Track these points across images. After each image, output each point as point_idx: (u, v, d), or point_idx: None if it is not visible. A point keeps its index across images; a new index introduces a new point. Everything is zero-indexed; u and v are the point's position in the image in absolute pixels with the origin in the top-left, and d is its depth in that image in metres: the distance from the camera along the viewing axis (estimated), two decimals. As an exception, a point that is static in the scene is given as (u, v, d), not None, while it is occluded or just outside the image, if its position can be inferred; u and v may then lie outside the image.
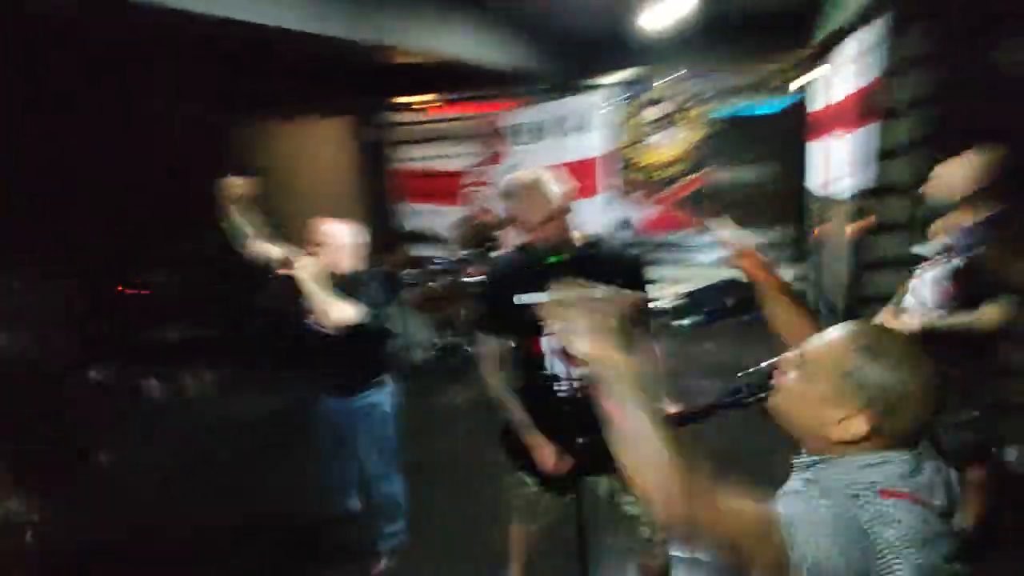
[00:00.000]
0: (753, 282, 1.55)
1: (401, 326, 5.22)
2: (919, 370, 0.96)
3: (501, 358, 2.00)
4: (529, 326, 1.74)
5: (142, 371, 5.00)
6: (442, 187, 6.85)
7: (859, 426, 0.97)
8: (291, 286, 2.33)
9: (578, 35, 5.19)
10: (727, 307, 5.97)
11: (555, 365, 1.90)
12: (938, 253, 2.22)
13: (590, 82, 6.01)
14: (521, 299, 1.66)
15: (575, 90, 6.05)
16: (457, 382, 4.98)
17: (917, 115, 3.15)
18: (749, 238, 1.59)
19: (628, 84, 5.86)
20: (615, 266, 1.84)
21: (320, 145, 7.28)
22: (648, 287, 2.02)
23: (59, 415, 3.58)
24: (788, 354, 1.12)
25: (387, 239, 7.00)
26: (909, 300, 2.32)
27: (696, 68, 5.59)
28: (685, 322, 5.56)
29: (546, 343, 1.88)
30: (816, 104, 4.64)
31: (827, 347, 1.04)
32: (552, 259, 1.75)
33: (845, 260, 3.66)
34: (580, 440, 1.77)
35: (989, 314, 2.06)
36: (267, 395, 4.92)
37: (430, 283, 5.24)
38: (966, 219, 2.16)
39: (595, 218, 6.05)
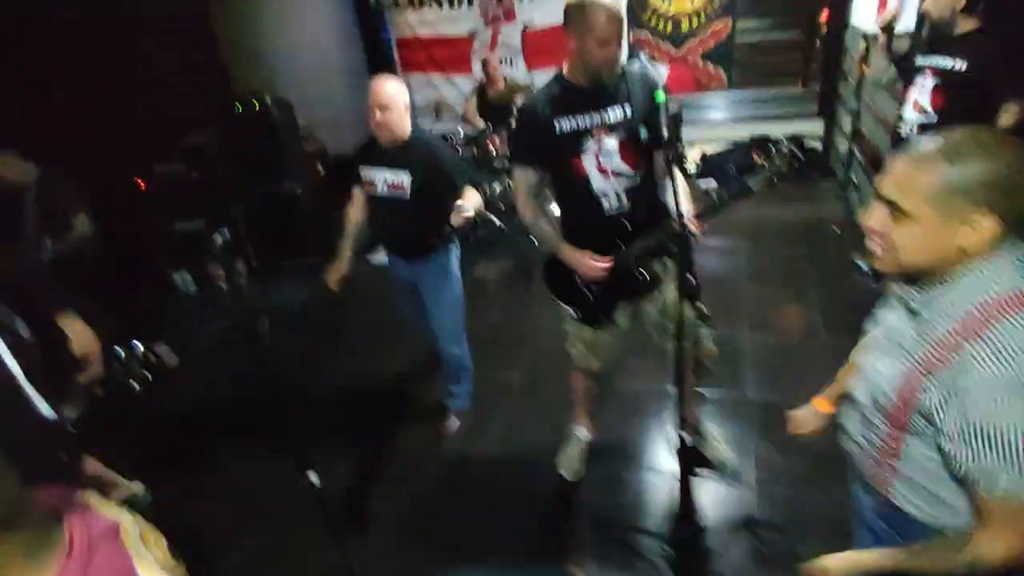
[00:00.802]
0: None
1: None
2: (1009, 148, 0.93)
3: (538, 187, 2.09)
4: (571, 149, 1.96)
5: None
6: (450, 54, 6.41)
7: (988, 225, 0.94)
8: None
9: None
10: (754, 163, 5.80)
11: (597, 183, 2.00)
12: (939, 63, 2.50)
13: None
14: (563, 124, 1.94)
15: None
16: (487, 257, 4.98)
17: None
18: None
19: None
20: (642, 93, 1.94)
21: (315, 11, 6.73)
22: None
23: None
24: (872, 215, 1.06)
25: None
26: (909, 113, 2.58)
27: None
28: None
29: (588, 161, 1.98)
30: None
31: (913, 179, 0.98)
32: (602, 79, 1.89)
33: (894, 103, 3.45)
34: (625, 250, 1.97)
35: (1006, 121, 2.30)
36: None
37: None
38: (964, 29, 2.43)
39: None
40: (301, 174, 5.07)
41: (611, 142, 1.95)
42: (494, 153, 4.99)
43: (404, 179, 2.46)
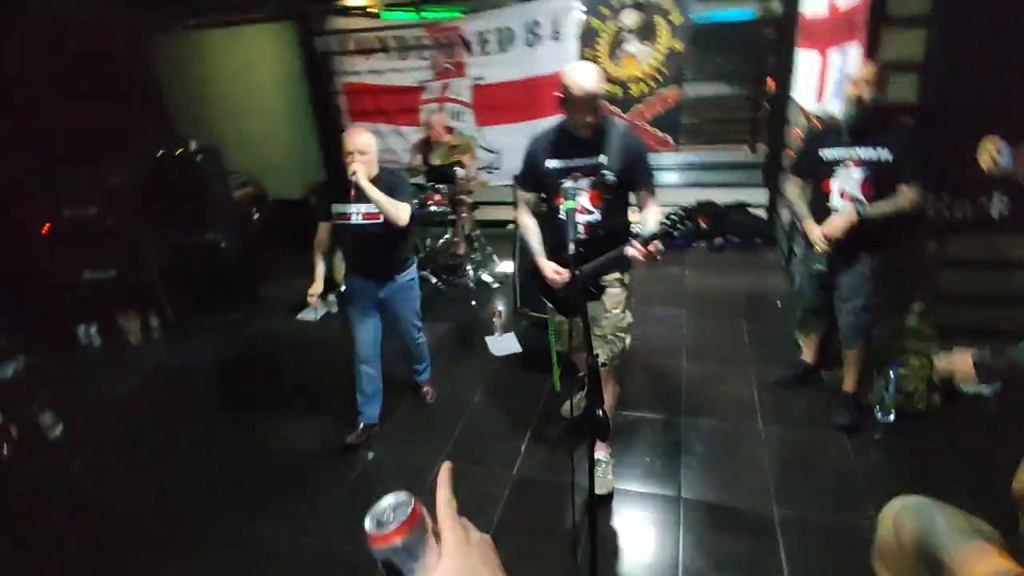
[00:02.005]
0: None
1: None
2: None
3: (534, 206, 2.65)
4: (553, 184, 2.47)
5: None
6: (398, 104, 6.28)
7: None
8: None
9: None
10: (701, 229, 5.79)
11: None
12: (860, 155, 2.72)
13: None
14: (551, 164, 2.48)
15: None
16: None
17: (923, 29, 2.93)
18: None
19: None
20: (624, 146, 2.41)
21: (263, 56, 6.55)
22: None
23: None
24: None
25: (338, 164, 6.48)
26: (837, 201, 2.79)
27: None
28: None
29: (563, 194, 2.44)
30: (812, 9, 4.24)
31: None
32: (582, 136, 2.40)
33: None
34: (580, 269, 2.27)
35: (906, 194, 2.63)
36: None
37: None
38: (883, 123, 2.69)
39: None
40: (227, 223, 4.77)
41: (583, 183, 2.44)
42: (433, 208, 4.82)
43: (376, 207, 2.87)
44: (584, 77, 2.26)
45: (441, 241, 5.44)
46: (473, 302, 4.86)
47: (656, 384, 3.60)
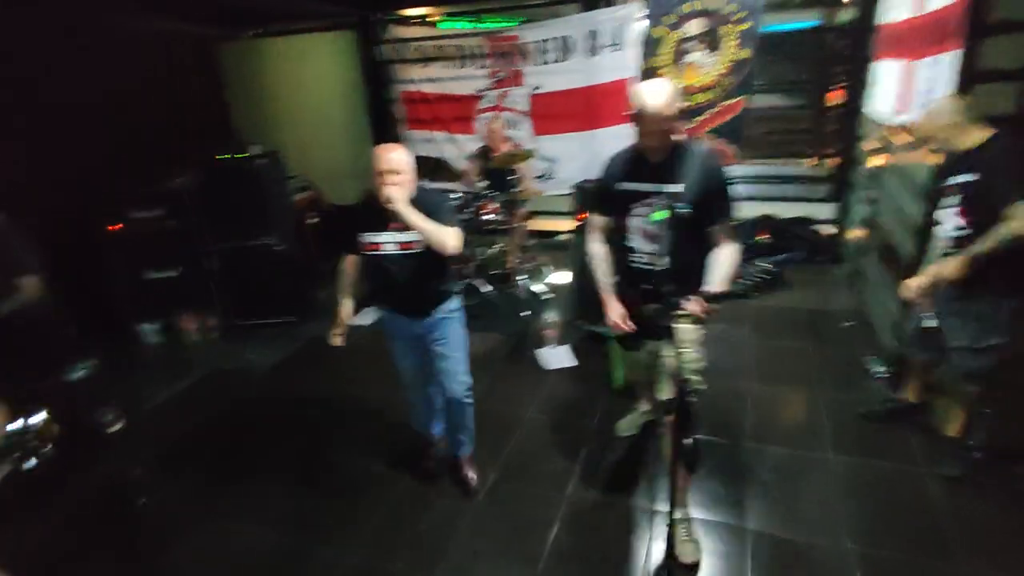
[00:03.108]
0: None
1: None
2: None
3: (603, 230, 2.48)
4: (624, 207, 2.34)
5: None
6: (454, 112, 6.29)
7: None
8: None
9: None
10: (759, 244, 5.59)
11: (635, 241, 2.36)
12: (953, 183, 2.49)
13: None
14: (623, 186, 2.33)
15: (609, 2, 5.38)
16: (472, 328, 4.67)
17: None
18: None
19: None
20: (703, 174, 2.18)
21: (322, 64, 6.67)
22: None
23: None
24: None
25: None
26: (941, 231, 2.56)
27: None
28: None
29: (635, 222, 2.34)
30: (891, 16, 4.02)
31: None
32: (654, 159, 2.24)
33: (916, 195, 3.22)
34: (648, 305, 2.26)
35: (1016, 219, 2.22)
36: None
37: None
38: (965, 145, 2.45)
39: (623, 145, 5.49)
40: (285, 227, 4.84)
41: (660, 211, 2.23)
42: (488, 217, 4.76)
43: (414, 236, 2.44)
44: (653, 95, 2.07)
45: (492, 250, 5.38)
46: (525, 313, 4.77)
47: (718, 405, 3.42)
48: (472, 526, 2.71)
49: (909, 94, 3.54)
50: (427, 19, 6.44)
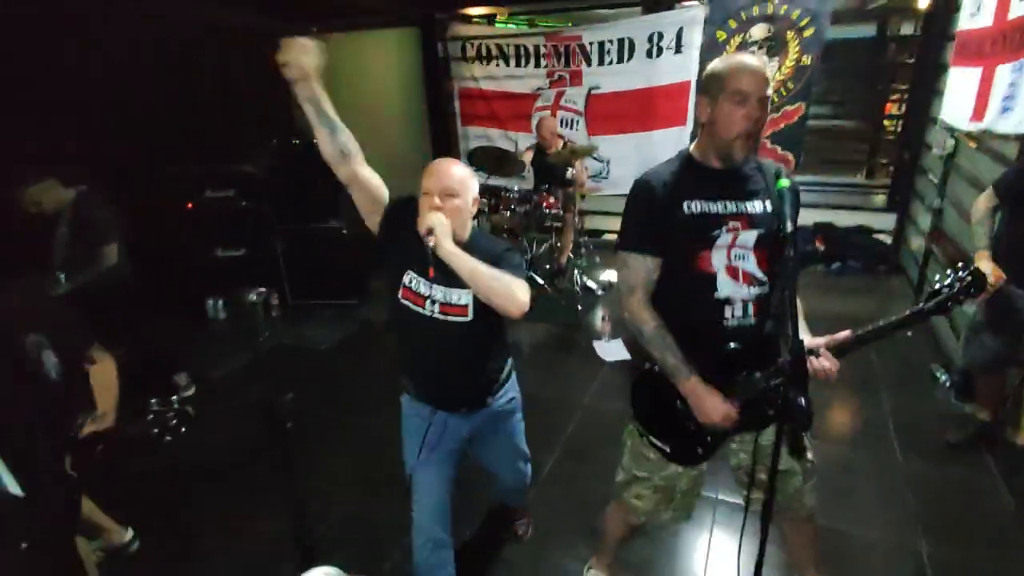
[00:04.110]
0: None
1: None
2: None
3: (649, 284, 1.66)
4: (698, 239, 1.60)
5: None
6: (511, 110, 6.39)
7: None
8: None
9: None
10: (816, 252, 5.56)
11: (725, 287, 1.62)
12: None
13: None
14: (693, 207, 1.61)
15: (672, 4, 5.43)
16: (525, 319, 4.74)
17: None
18: None
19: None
20: (789, 189, 1.61)
21: (384, 59, 6.85)
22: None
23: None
24: None
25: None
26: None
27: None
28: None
29: (719, 258, 1.61)
30: (968, 23, 3.98)
31: None
32: (740, 166, 1.62)
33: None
34: (747, 376, 1.62)
35: None
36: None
37: (504, 213, 4.89)
38: None
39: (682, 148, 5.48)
40: (348, 213, 4.99)
41: (748, 238, 1.61)
42: (547, 211, 4.84)
43: (465, 298, 1.77)
44: (753, 68, 1.53)
45: (546, 246, 5.46)
46: (579, 307, 4.82)
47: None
48: (534, 505, 2.76)
49: (986, 101, 3.50)
50: (489, 18, 6.57)
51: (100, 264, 3.21)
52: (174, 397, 1.73)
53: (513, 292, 1.66)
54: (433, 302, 1.78)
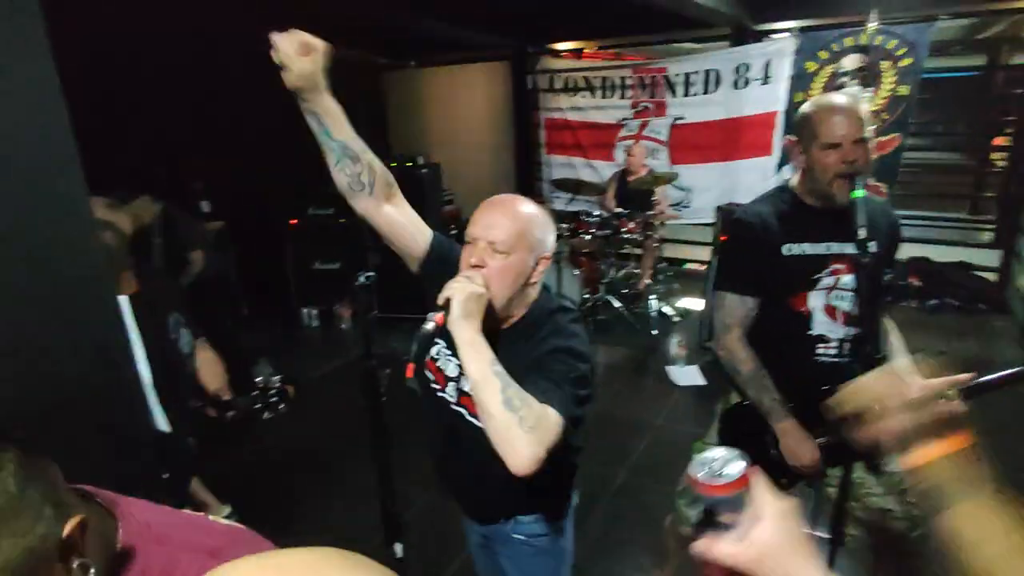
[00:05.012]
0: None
1: (554, 281, 5.12)
2: None
3: (745, 324, 1.68)
4: (799, 280, 1.62)
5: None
6: (596, 139, 6.55)
7: None
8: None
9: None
10: (911, 287, 5.31)
11: (820, 325, 1.64)
12: None
13: (780, 26, 5.39)
14: (795, 249, 1.62)
15: (761, 36, 5.46)
16: (600, 341, 4.83)
17: None
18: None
19: (827, 30, 5.16)
20: (887, 223, 1.67)
21: (476, 91, 7.24)
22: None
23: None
24: None
25: (533, 192, 6.89)
26: None
27: (913, 13, 4.79)
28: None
29: (817, 299, 1.63)
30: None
31: None
32: (856, 194, 1.49)
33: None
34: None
35: None
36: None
37: (584, 237, 5.03)
38: None
39: (771, 180, 5.49)
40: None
41: (850, 280, 1.61)
42: (627, 235, 4.94)
43: None
44: (846, 112, 1.53)
45: (624, 270, 5.53)
46: (654, 331, 4.85)
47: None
48: (604, 516, 2.82)
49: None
50: (577, 52, 6.83)
51: (191, 269, 3.64)
52: (276, 377, 1.96)
53: (512, 439, 1.09)
54: (457, 389, 1.41)
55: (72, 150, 1.21)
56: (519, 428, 1.08)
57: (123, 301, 1.49)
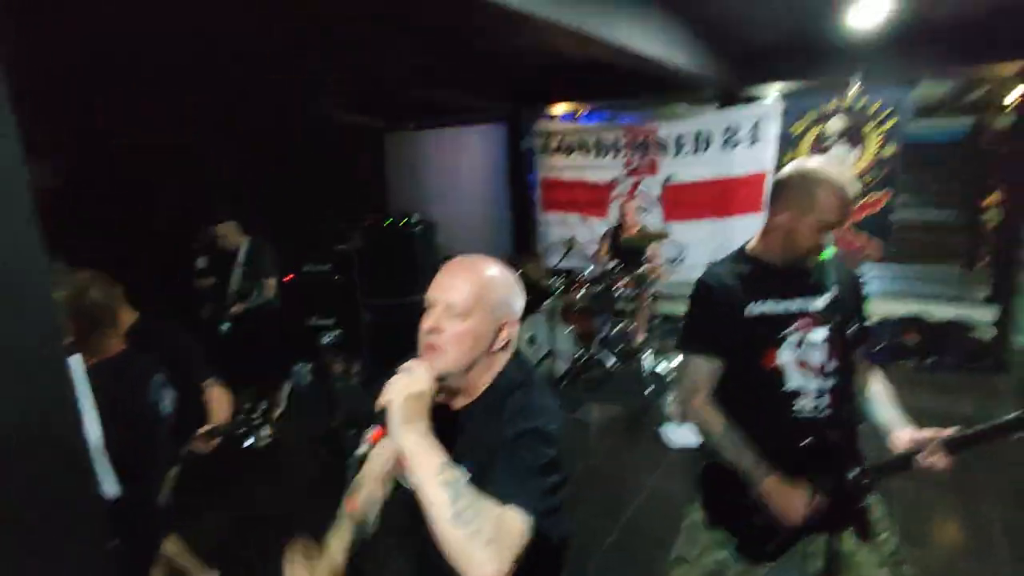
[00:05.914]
0: None
1: (548, 338, 5.10)
2: None
3: (711, 385, 1.66)
4: (766, 338, 1.62)
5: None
6: (590, 197, 6.66)
7: None
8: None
9: (757, 38, 4.75)
10: (906, 345, 5.26)
11: (794, 379, 1.62)
12: None
13: (767, 89, 5.55)
14: (758, 308, 1.63)
15: (748, 99, 5.62)
16: (593, 398, 4.77)
17: None
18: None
19: (812, 92, 5.32)
20: (849, 279, 1.70)
21: (472, 151, 7.43)
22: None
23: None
24: None
25: (528, 249, 6.96)
26: None
27: (895, 76, 4.94)
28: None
29: (787, 355, 1.62)
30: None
31: None
32: (822, 256, 1.55)
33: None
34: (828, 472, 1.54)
35: None
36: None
37: (576, 294, 5.04)
38: None
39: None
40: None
41: (818, 335, 1.62)
42: (620, 291, 4.94)
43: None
44: (845, 169, 1.57)
45: (619, 327, 5.50)
46: (647, 391, 4.78)
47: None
48: (594, 571, 2.73)
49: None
50: (571, 114, 7.03)
51: (263, 295, 4.05)
52: (261, 406, 1.96)
53: (470, 556, 0.96)
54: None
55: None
56: (475, 543, 0.95)
57: (74, 362, 1.45)
